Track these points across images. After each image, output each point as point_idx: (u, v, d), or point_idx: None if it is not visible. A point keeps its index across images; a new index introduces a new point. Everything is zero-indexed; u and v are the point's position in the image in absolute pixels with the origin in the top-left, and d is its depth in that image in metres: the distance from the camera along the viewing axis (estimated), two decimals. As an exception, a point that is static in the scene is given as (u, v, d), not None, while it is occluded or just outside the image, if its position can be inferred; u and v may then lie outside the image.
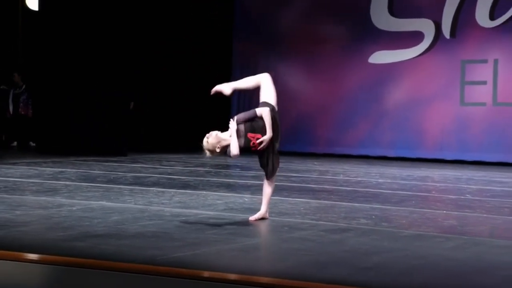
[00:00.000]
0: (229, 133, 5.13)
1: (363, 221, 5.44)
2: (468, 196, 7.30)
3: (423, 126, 12.49)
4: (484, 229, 5.42)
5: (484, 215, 5.99)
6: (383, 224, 5.35)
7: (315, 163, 11.50)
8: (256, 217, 5.30)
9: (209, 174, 9.02)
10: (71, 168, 9.26)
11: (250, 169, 9.42)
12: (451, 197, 7.32)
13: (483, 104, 12.12)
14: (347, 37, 13.01)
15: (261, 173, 5.45)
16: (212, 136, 5.07)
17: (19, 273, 3.78)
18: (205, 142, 5.08)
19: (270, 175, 5.24)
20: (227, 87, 5.32)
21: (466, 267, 3.94)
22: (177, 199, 6.49)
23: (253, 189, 7.12)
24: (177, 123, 13.99)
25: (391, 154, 12.62)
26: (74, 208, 5.73)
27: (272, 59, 13.47)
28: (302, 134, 13.15)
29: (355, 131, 12.94)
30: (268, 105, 5.23)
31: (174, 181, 7.93)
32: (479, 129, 12.10)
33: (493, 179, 9.38)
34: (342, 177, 9.25)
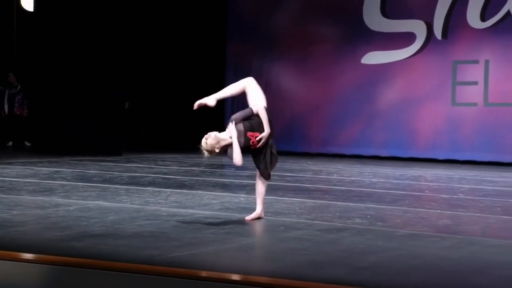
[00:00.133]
0: (227, 133, 5.15)
1: (358, 220, 5.47)
2: (461, 196, 7.33)
3: (415, 126, 12.57)
4: (478, 228, 5.45)
5: (478, 214, 6.02)
6: (378, 223, 5.37)
7: (309, 162, 11.56)
8: (252, 216, 5.33)
9: (204, 173, 9.05)
10: (66, 168, 9.27)
11: (245, 168, 9.42)
12: (444, 196, 7.35)
13: (475, 104, 12.21)
14: (340, 38, 13.08)
15: (256, 172, 5.46)
16: (211, 137, 5.06)
17: (17, 273, 3.78)
18: (204, 143, 5.08)
19: (265, 174, 5.26)
20: (211, 99, 5.29)
21: (461, 266, 3.95)
22: (173, 198, 6.52)
23: (248, 189, 7.15)
24: (171, 123, 14.02)
25: (383, 153, 12.70)
26: (71, 208, 5.74)
27: (265, 60, 13.54)
28: (295, 134, 13.21)
29: (348, 131, 13.01)
30: (247, 110, 5.23)
31: (170, 180, 7.94)
32: (470, 129, 12.19)
33: (484, 178, 9.45)
34: (336, 176, 9.30)
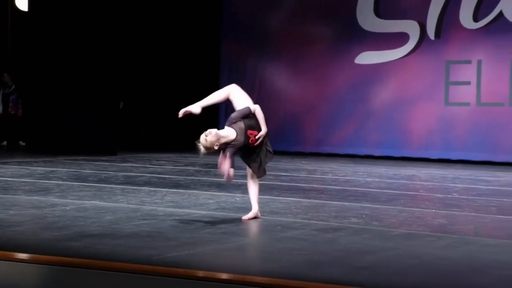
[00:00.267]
0: (227, 131, 5.16)
1: (354, 220, 5.49)
2: (455, 195, 7.35)
3: (408, 126, 12.63)
4: (474, 228, 5.48)
5: (473, 213, 6.06)
6: (373, 223, 5.40)
7: (303, 162, 11.59)
8: (249, 216, 5.35)
9: (199, 173, 9.06)
10: (62, 168, 9.27)
11: (240, 168, 9.45)
12: (438, 196, 7.39)
13: (467, 104, 12.28)
14: (334, 38, 13.13)
15: (246, 172, 5.46)
16: (211, 134, 5.05)
17: (15, 273, 3.78)
18: (203, 140, 5.07)
19: (260, 172, 5.28)
20: (195, 107, 5.29)
21: (459, 266, 3.96)
22: (169, 198, 6.53)
23: (244, 189, 7.12)
24: (165, 123, 14.02)
25: (377, 153, 12.75)
26: (68, 208, 5.75)
27: (259, 59, 13.58)
28: (289, 133, 13.25)
29: (341, 131, 13.06)
30: (244, 109, 5.20)
31: (165, 180, 7.95)
32: (463, 128, 12.26)
33: (478, 178, 9.50)
34: (330, 176, 9.33)
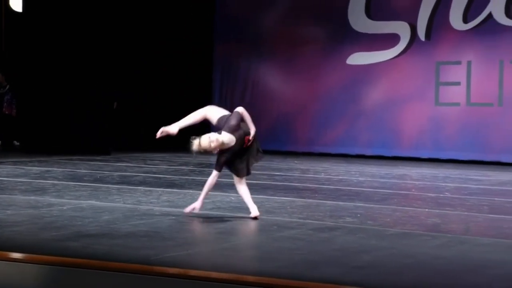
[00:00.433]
0: (229, 138, 5.23)
1: (349, 219, 5.54)
2: (447, 194, 7.42)
3: (399, 126, 12.73)
4: (467, 227, 5.56)
5: (465, 213, 6.13)
6: (368, 222, 5.47)
7: (296, 161, 11.66)
8: (256, 215, 5.41)
9: (193, 172, 9.09)
10: (57, 167, 9.29)
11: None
12: (430, 195, 7.45)
13: (457, 104, 12.38)
14: (326, 39, 13.21)
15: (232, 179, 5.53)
16: (218, 142, 5.15)
17: (14, 273, 3.80)
18: (206, 144, 5.14)
19: (243, 173, 5.39)
20: (173, 127, 5.41)
21: (454, 265, 4.00)
22: (165, 198, 6.58)
23: (238, 188, 7.20)
24: (159, 122, 14.00)
25: (368, 152, 12.83)
26: (65, 208, 5.78)
27: (252, 60, 13.65)
28: (282, 133, 13.32)
29: (333, 130, 13.14)
30: (236, 114, 5.28)
31: (160, 180, 7.98)
32: (453, 128, 12.37)
33: (469, 177, 9.59)
34: (323, 175, 9.39)
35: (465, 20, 12.27)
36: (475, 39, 12.18)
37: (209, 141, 5.15)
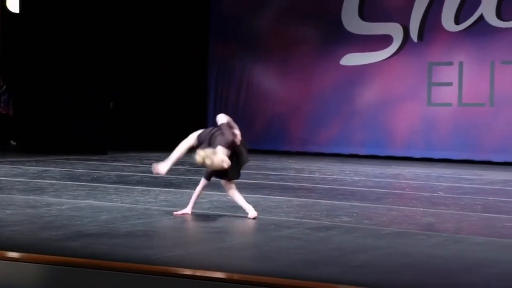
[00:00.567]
0: (225, 154, 5.31)
1: (345, 218, 5.59)
2: (441, 194, 7.47)
3: (392, 126, 12.82)
4: (461, 226, 5.61)
5: (460, 212, 6.18)
6: (364, 221, 5.50)
7: (290, 161, 11.72)
8: (254, 216, 5.49)
9: (189, 172, 9.12)
10: (54, 167, 9.31)
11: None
12: (424, 194, 7.49)
13: (449, 105, 12.49)
14: (320, 39, 13.31)
15: (243, 171, 5.59)
16: (225, 162, 5.28)
17: (13, 272, 3.81)
18: (218, 162, 5.25)
19: (233, 176, 5.47)
20: (162, 167, 5.53)
21: (450, 264, 4.02)
22: (162, 197, 6.61)
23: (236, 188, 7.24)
24: (155, 122, 14.08)
25: (361, 152, 12.92)
26: (63, 207, 5.81)
27: (247, 60, 13.73)
28: (276, 132, 13.40)
29: (327, 130, 13.22)
30: (225, 127, 5.40)
31: (157, 179, 8.00)
32: (445, 128, 12.48)
33: (461, 176, 9.67)
34: (318, 175, 9.45)
35: (457, 21, 12.38)
36: (467, 40, 12.29)
37: (220, 159, 5.24)
